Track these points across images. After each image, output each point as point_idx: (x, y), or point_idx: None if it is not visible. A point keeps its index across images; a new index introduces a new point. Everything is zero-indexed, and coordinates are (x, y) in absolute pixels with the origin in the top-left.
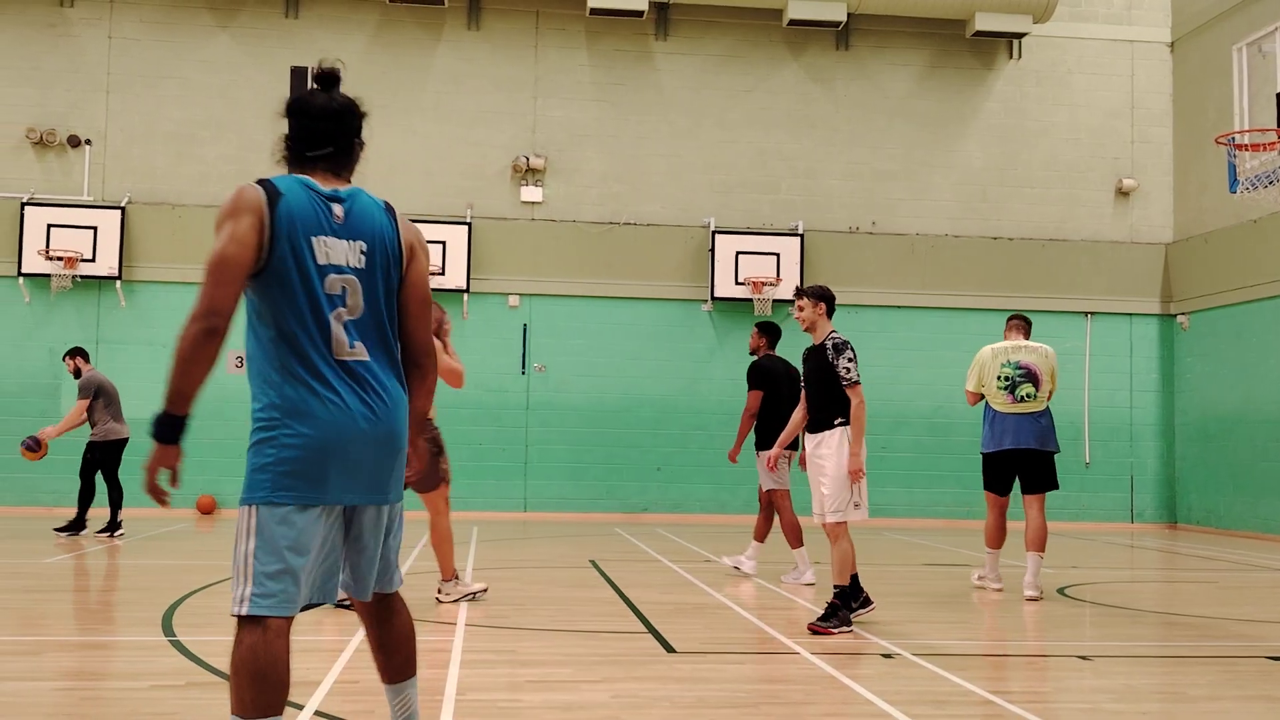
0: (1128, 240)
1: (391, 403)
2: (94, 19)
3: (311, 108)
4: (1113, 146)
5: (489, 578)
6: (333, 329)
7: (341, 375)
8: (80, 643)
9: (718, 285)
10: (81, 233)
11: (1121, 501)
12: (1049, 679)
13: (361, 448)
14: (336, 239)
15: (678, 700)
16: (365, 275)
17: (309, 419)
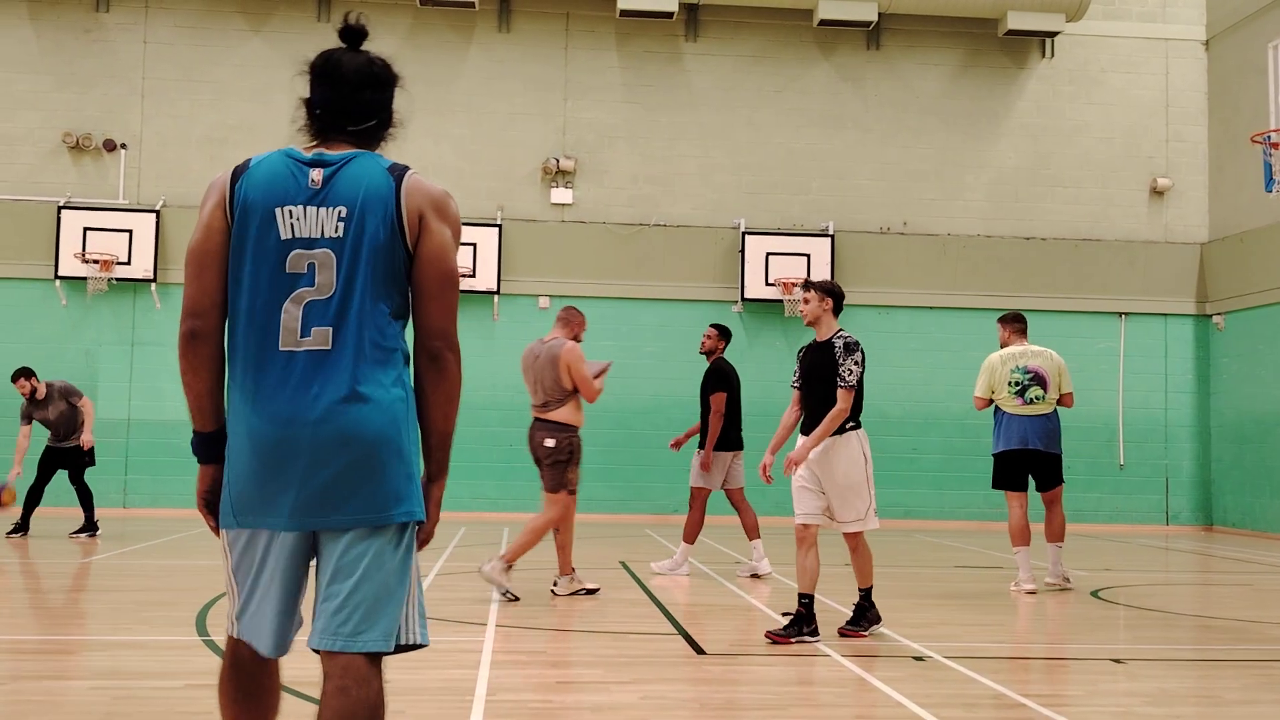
0: (1162, 240)
1: (353, 402)
2: (129, 24)
3: (348, 72)
4: (1147, 145)
5: (520, 578)
6: (284, 316)
7: (284, 371)
8: (115, 642)
9: (748, 286)
10: (117, 236)
11: (1156, 504)
12: (1081, 682)
13: (307, 459)
14: (309, 207)
15: (707, 702)
16: (341, 247)
17: (242, 427)
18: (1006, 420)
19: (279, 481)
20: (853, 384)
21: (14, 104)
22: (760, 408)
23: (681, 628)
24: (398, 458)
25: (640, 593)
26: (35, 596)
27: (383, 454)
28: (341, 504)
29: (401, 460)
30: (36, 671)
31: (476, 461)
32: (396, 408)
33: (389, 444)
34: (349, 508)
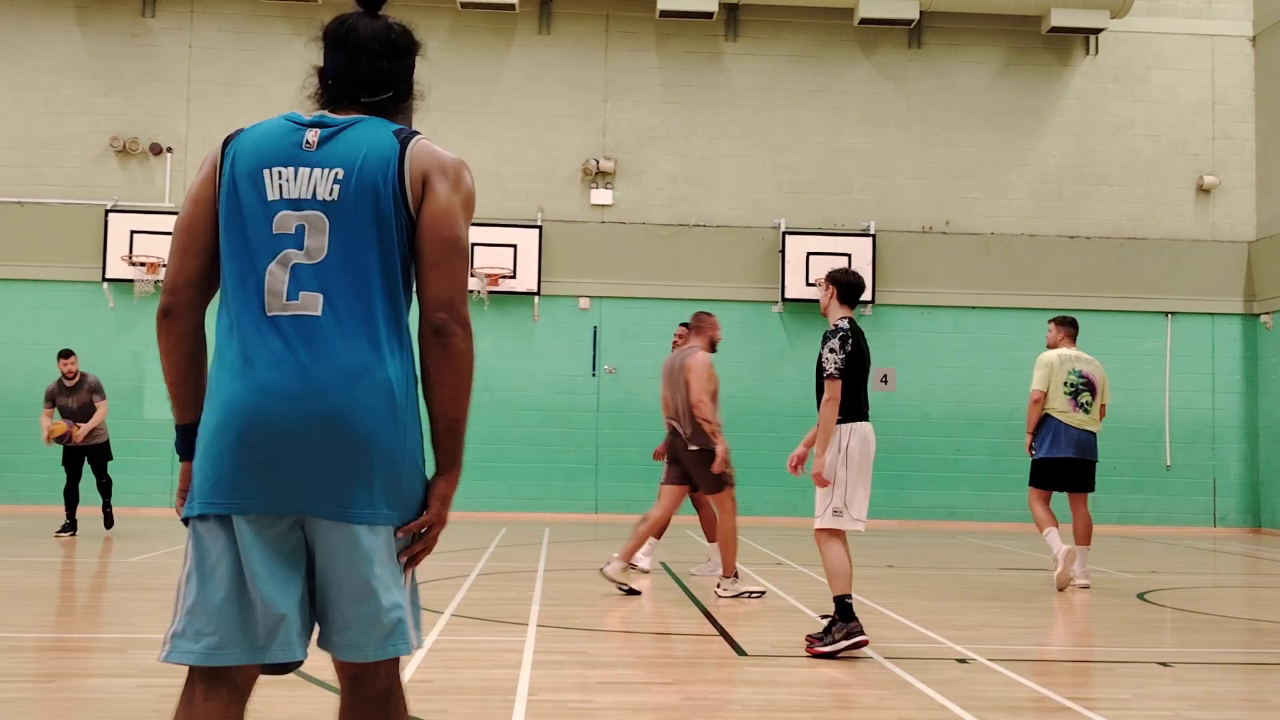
0: (1209, 238)
1: (346, 373)
2: (174, 29)
3: (364, 40)
4: (1193, 143)
5: (560, 579)
6: (268, 279)
7: (268, 336)
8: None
9: (788, 286)
10: (163, 239)
11: (1203, 505)
12: (1128, 685)
13: (283, 432)
14: (300, 168)
15: (748, 703)
16: (337, 209)
17: (219, 400)
18: (1063, 428)
19: (258, 462)
20: (831, 372)
21: (62, 108)
22: (801, 409)
23: (722, 629)
24: (394, 447)
25: (681, 593)
26: (82, 595)
27: (382, 442)
28: (330, 491)
29: (398, 450)
30: (85, 669)
31: (517, 462)
32: (392, 390)
33: (389, 433)
34: (342, 495)
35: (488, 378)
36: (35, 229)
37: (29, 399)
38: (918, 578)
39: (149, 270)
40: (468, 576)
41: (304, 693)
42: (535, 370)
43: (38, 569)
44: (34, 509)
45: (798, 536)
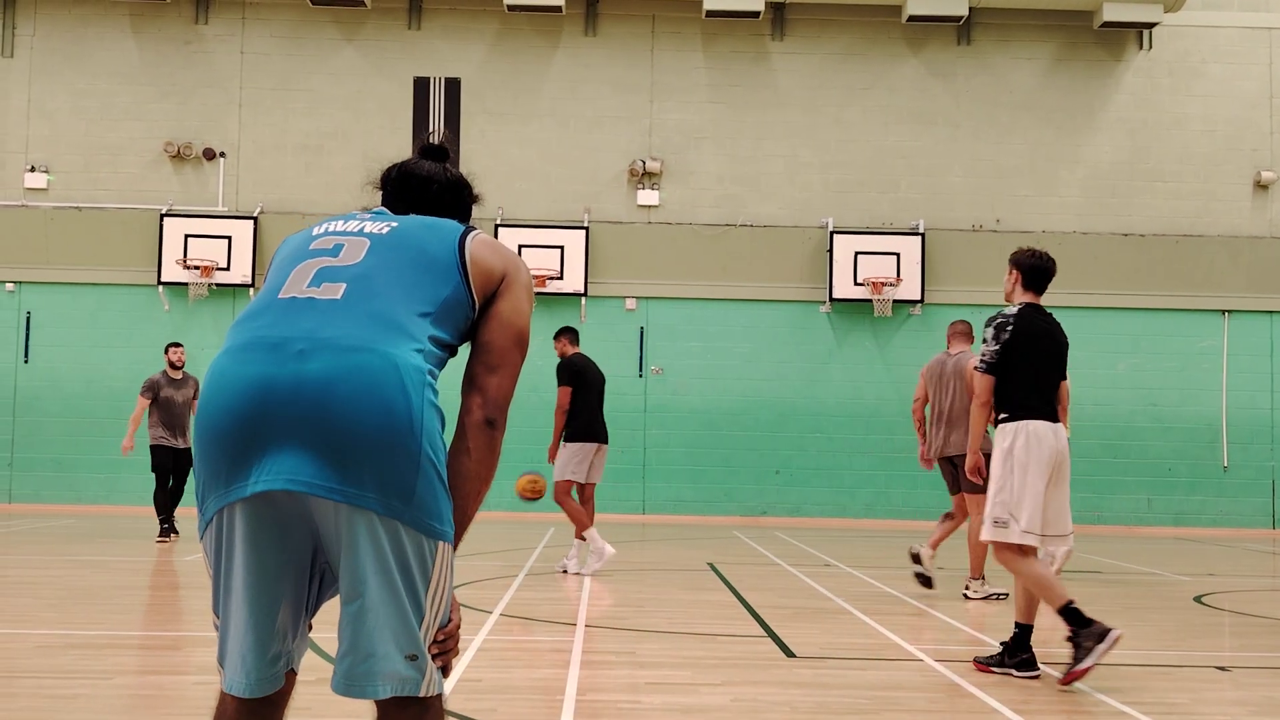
0: (1267, 235)
1: (360, 349)
2: (227, 35)
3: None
4: (1250, 138)
5: (606, 580)
6: (292, 275)
7: (277, 313)
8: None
9: (836, 286)
10: (217, 242)
11: (1262, 506)
12: (1185, 690)
13: (295, 404)
14: (350, 220)
15: (798, 705)
16: (383, 241)
17: (210, 386)
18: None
19: (260, 434)
20: (977, 365)
21: (118, 115)
22: (849, 409)
23: (771, 630)
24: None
25: (729, 594)
26: (139, 593)
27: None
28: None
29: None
30: (143, 666)
31: None
32: (421, 377)
33: (413, 425)
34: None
35: (535, 379)
36: (92, 233)
37: (88, 401)
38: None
39: (203, 274)
40: (516, 577)
41: None
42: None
43: (96, 568)
44: (95, 509)
45: (846, 537)
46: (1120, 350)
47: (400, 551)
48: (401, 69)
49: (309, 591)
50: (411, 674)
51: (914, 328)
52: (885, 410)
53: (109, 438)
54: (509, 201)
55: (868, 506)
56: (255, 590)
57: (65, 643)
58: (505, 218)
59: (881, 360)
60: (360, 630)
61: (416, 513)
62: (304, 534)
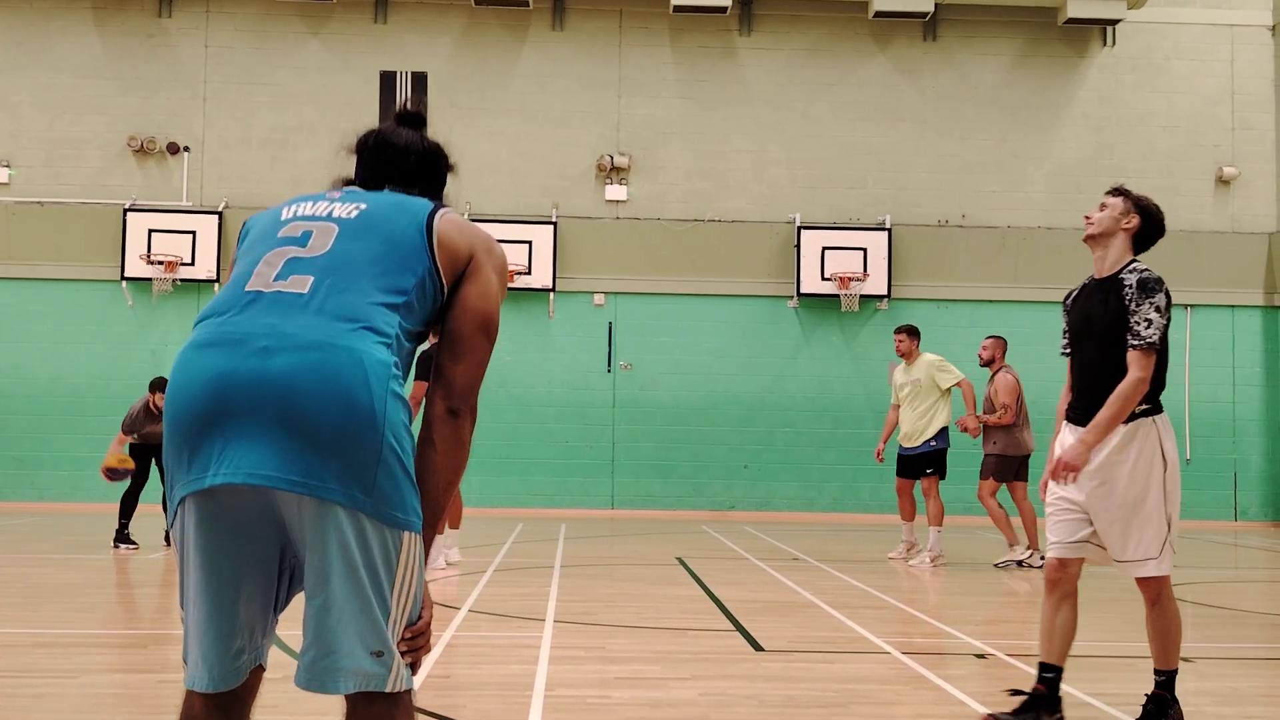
0: (1229, 230)
1: (321, 343)
2: (191, 28)
3: (396, 143)
4: (1212, 134)
5: (578, 575)
6: (259, 266)
7: (244, 308)
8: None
9: (804, 281)
10: (181, 237)
11: (1224, 499)
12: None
13: (250, 396)
14: (319, 202)
15: (766, 699)
16: (351, 226)
17: (176, 379)
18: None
19: (223, 422)
20: (1153, 341)
21: (80, 108)
22: (817, 404)
23: (739, 624)
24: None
25: (698, 589)
26: (106, 591)
27: (365, 418)
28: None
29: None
30: (110, 665)
31: (533, 458)
32: (385, 369)
33: (375, 412)
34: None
35: (503, 374)
36: (55, 229)
37: (51, 398)
38: (935, 572)
39: (167, 269)
40: (485, 572)
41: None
42: (551, 367)
43: (60, 566)
44: (58, 507)
45: (814, 532)
46: None
47: (365, 544)
48: (367, 63)
49: (278, 587)
50: (377, 670)
51: (881, 323)
52: (853, 405)
53: (72, 435)
54: (476, 196)
55: (835, 501)
56: (214, 585)
57: (31, 641)
58: (473, 213)
59: (849, 355)
60: (324, 625)
61: (378, 504)
62: (270, 529)
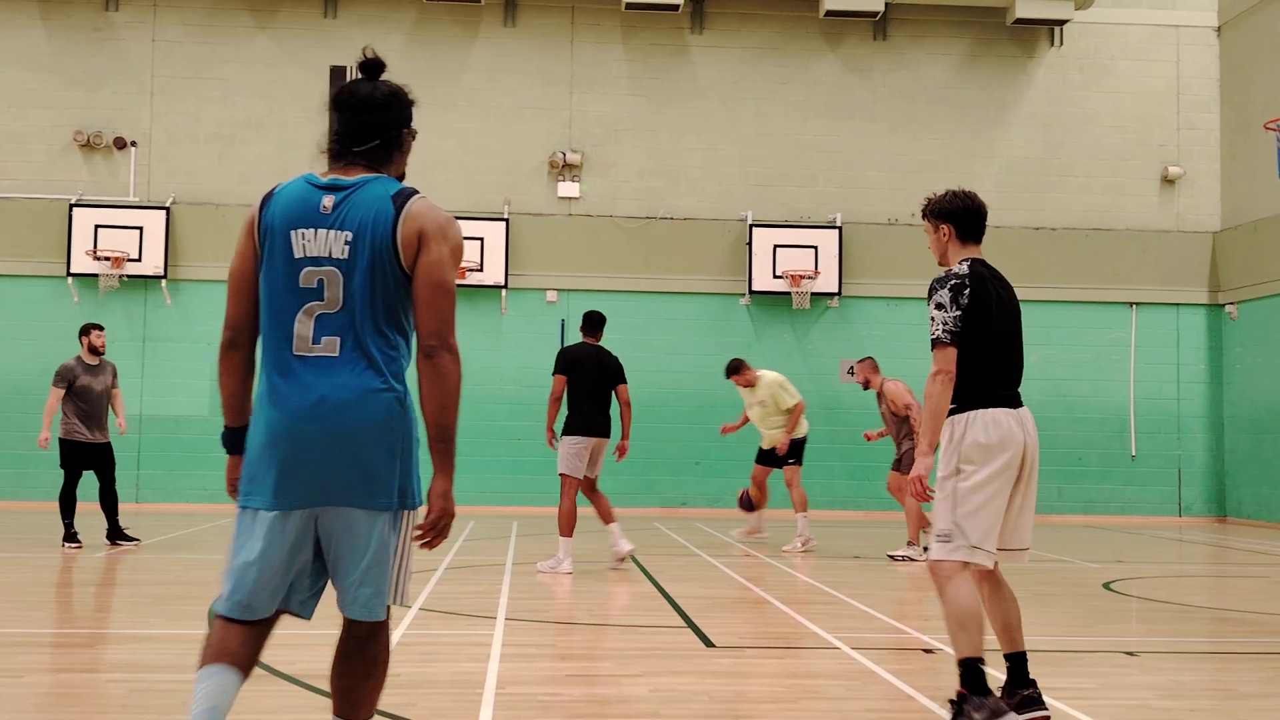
0: (1174, 229)
1: (347, 401)
2: (138, 22)
3: (354, 100)
4: (1158, 134)
5: (530, 572)
6: (296, 326)
7: (298, 373)
8: (131, 635)
9: (755, 279)
10: (128, 233)
11: (1168, 495)
12: (1094, 675)
13: (307, 449)
14: (319, 229)
15: (717, 695)
16: (347, 266)
17: (261, 420)
18: None
19: (297, 467)
20: (935, 336)
21: (26, 103)
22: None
23: (691, 620)
24: (393, 451)
25: (649, 586)
26: (51, 590)
27: (384, 447)
28: (345, 487)
29: (396, 453)
30: (54, 664)
31: (485, 455)
32: (392, 407)
33: (388, 440)
34: (354, 490)
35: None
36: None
37: None
38: (885, 568)
39: (113, 265)
40: (436, 570)
41: (274, 686)
42: (503, 364)
43: (5, 565)
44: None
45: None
46: (1032, 342)
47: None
48: (317, 57)
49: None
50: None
51: (831, 320)
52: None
53: (16, 433)
54: (427, 191)
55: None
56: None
57: None
58: None
59: (800, 352)
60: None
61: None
62: (309, 535)
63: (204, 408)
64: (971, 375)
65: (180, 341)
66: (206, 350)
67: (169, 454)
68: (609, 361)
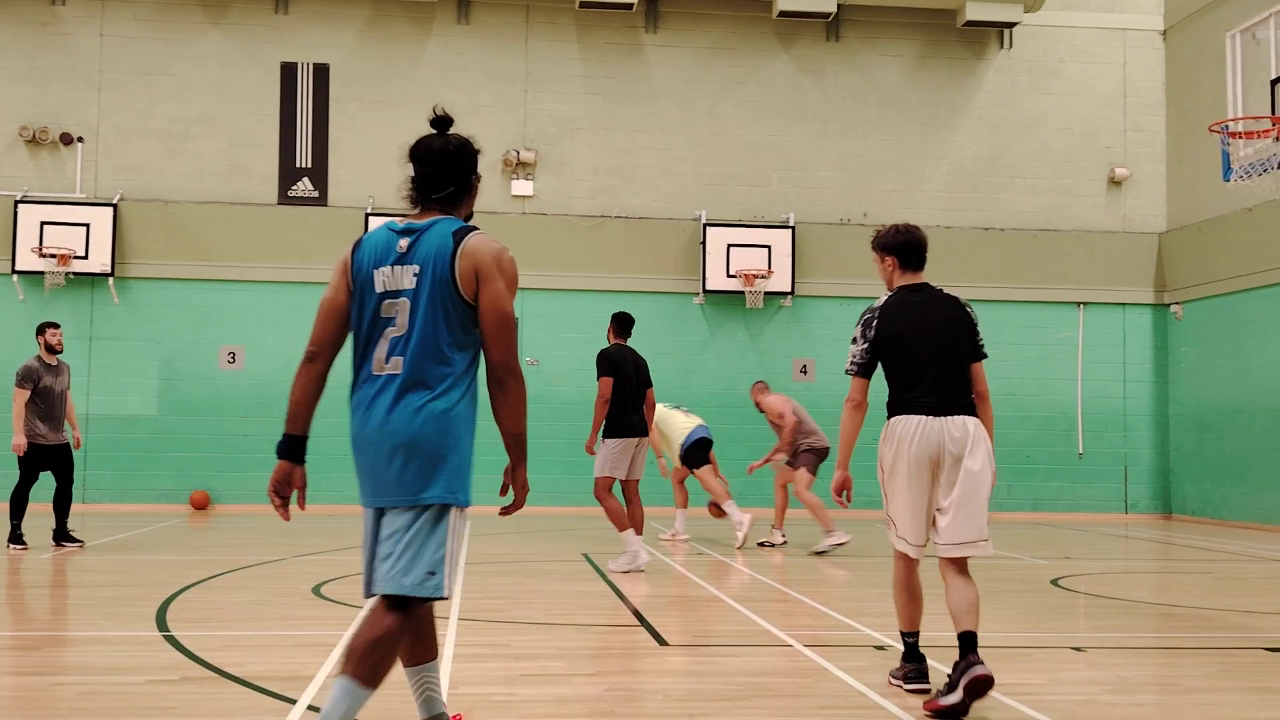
0: (1120, 230)
1: (410, 414)
2: (86, 17)
3: (429, 153)
4: (1105, 136)
5: (483, 572)
6: (377, 348)
7: (375, 389)
8: (78, 638)
9: (709, 278)
10: (75, 230)
11: (1115, 492)
12: (1043, 670)
13: (375, 454)
14: (397, 266)
15: (670, 693)
16: (414, 295)
17: (351, 431)
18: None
19: (362, 471)
20: (847, 369)
21: None
22: (722, 400)
23: (644, 619)
24: (432, 458)
25: (603, 585)
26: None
27: (422, 455)
28: (390, 488)
29: (435, 459)
30: (1, 668)
31: None
32: (436, 421)
33: (428, 449)
34: (394, 491)
35: None
36: None
37: None
38: (837, 565)
39: (60, 262)
40: None
41: (224, 689)
42: None
43: None
44: None
45: (718, 526)
46: None
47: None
48: (269, 54)
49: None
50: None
51: (785, 320)
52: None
53: None
54: (379, 190)
55: (740, 496)
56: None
57: None
58: (376, 206)
59: (754, 351)
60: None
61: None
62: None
63: (153, 407)
64: (892, 388)
65: (128, 340)
66: (155, 349)
67: (117, 454)
68: (642, 364)
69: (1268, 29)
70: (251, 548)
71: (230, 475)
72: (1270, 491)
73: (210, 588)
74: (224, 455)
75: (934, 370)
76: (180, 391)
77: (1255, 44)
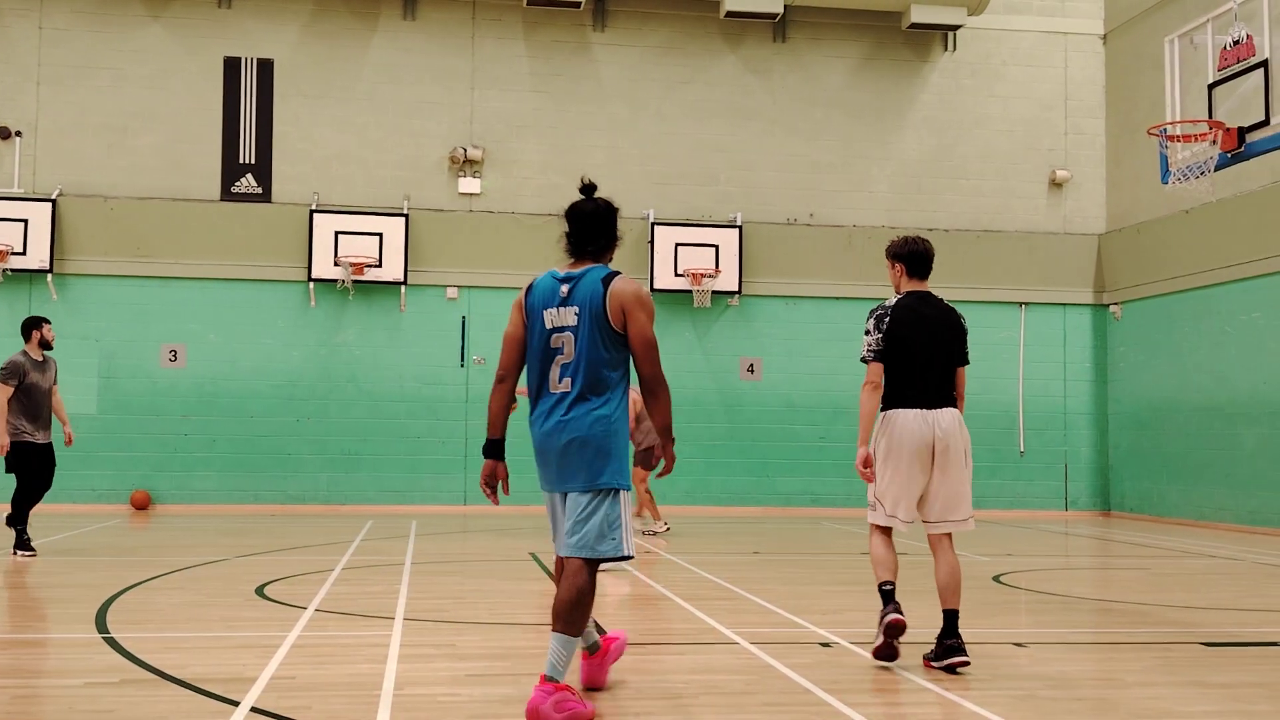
0: (1061, 231)
1: (576, 421)
2: (24, 10)
3: (583, 215)
4: (1046, 138)
5: (429, 572)
6: (551, 372)
7: (551, 403)
8: (14, 640)
9: (657, 277)
10: (12, 225)
11: (1055, 490)
12: (984, 666)
13: (552, 453)
14: (561, 308)
15: (618, 692)
16: (575, 331)
17: (533, 436)
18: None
19: (547, 465)
20: (863, 356)
21: None
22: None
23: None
24: (601, 452)
25: (549, 584)
26: None
27: (593, 450)
28: (572, 477)
29: (603, 453)
30: None
31: (383, 454)
32: (602, 423)
33: (597, 445)
34: (576, 479)
35: (353, 368)
36: None
37: None
38: (783, 563)
39: None
40: (332, 571)
41: (164, 691)
42: (402, 361)
43: None
44: None
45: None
46: None
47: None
48: (211, 48)
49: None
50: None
51: (732, 319)
52: (704, 399)
53: None
54: (324, 187)
55: (688, 494)
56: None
57: None
58: (320, 203)
59: (701, 349)
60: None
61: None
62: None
63: (92, 405)
64: (889, 383)
65: (68, 338)
66: (95, 346)
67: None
68: None
69: (1205, 34)
70: (193, 548)
71: (171, 474)
72: (1206, 488)
73: (151, 589)
74: (165, 454)
75: (932, 372)
76: (120, 390)
77: (1193, 49)
